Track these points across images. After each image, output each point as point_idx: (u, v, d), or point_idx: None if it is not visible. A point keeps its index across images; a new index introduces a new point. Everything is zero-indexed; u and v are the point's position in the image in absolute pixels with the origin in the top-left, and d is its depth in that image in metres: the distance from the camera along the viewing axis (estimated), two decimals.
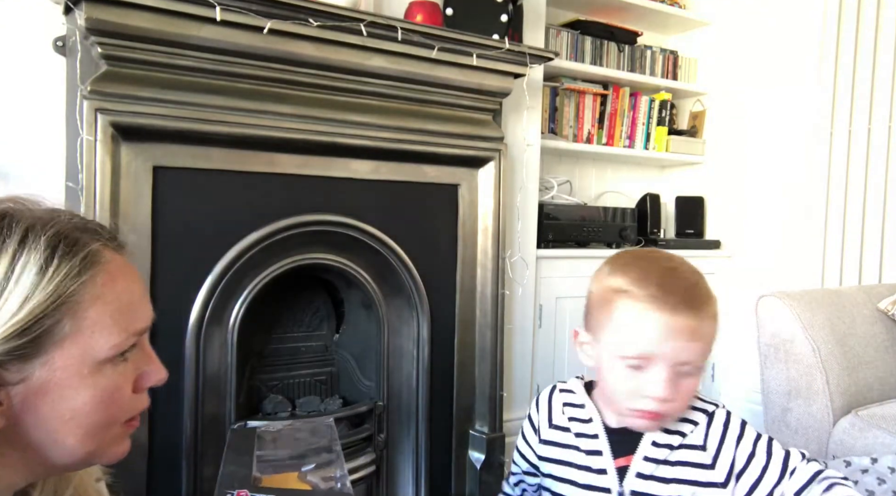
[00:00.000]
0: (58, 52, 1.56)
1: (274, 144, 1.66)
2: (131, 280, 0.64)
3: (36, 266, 0.56)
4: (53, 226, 0.59)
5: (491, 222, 2.03)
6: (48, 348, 0.56)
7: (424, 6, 1.92)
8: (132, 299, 0.63)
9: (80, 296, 0.58)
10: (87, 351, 0.58)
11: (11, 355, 0.55)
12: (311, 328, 2.03)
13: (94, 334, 0.58)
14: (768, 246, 2.77)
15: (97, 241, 0.61)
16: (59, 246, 0.57)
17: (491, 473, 2.04)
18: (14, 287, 0.55)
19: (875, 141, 2.48)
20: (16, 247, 0.56)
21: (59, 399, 0.57)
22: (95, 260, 0.60)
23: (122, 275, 0.62)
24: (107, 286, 0.60)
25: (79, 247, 0.59)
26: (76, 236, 0.60)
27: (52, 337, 0.56)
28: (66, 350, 0.57)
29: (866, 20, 2.48)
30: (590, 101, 2.75)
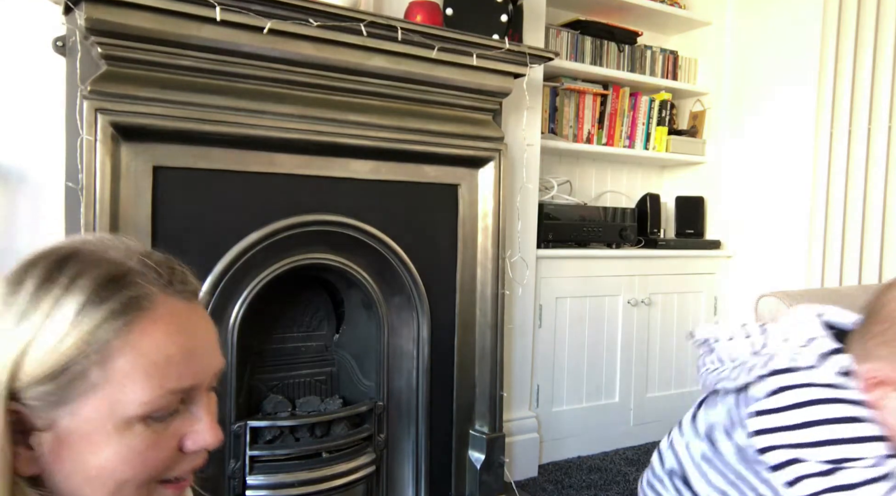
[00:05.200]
0: (58, 52, 1.56)
1: (274, 144, 1.66)
2: (182, 330, 0.57)
3: (75, 308, 0.52)
4: (109, 266, 0.55)
5: (491, 222, 2.03)
6: (75, 397, 0.52)
7: (424, 6, 1.92)
8: (175, 352, 0.55)
9: (112, 343, 0.53)
10: (115, 405, 0.53)
11: (41, 400, 0.52)
12: (311, 328, 2.03)
13: (124, 388, 0.53)
14: (768, 246, 2.77)
15: (154, 283, 0.56)
16: (104, 288, 0.54)
17: (491, 473, 2.04)
18: (51, 328, 0.52)
19: (875, 141, 2.49)
20: (62, 288, 0.53)
21: (84, 452, 0.53)
22: (138, 305, 0.54)
23: (169, 324, 0.56)
24: (145, 335, 0.54)
25: (124, 289, 0.54)
26: (127, 278, 0.55)
27: (80, 385, 0.52)
28: (93, 401, 0.53)
29: (866, 21, 2.48)
30: (590, 101, 2.75)
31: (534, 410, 2.43)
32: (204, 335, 0.60)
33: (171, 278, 0.58)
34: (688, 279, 2.83)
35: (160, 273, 0.58)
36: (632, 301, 2.66)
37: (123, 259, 0.57)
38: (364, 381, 2.00)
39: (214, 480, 1.64)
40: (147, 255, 0.59)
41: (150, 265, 0.58)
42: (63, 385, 0.52)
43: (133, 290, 0.55)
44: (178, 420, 0.57)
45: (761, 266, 2.79)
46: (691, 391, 2.88)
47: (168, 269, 0.59)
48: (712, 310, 2.91)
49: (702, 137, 3.02)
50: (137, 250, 0.59)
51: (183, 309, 0.58)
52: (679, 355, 2.84)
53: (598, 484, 2.30)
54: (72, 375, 0.52)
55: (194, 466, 0.60)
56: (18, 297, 0.54)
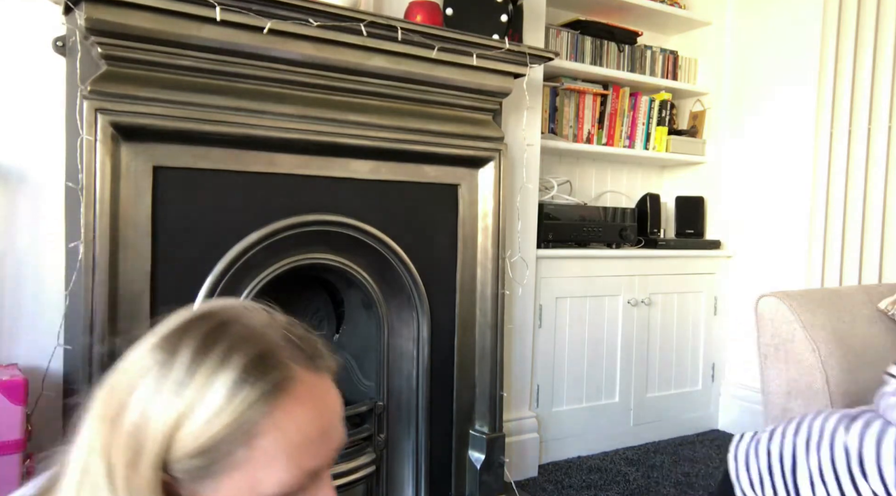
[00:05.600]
0: (58, 52, 1.56)
1: (274, 144, 1.66)
2: (319, 410, 0.59)
3: (226, 388, 0.54)
4: (256, 344, 0.57)
5: (491, 222, 2.03)
6: (220, 472, 0.54)
7: (424, 6, 1.92)
8: (314, 435, 0.57)
9: (259, 424, 0.54)
10: (255, 484, 0.54)
11: (188, 473, 0.54)
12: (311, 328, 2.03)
13: (265, 468, 0.55)
14: (768, 246, 2.77)
15: (297, 361, 0.58)
16: (254, 368, 0.55)
17: (491, 473, 2.04)
18: (203, 406, 0.53)
19: (875, 141, 2.48)
20: (215, 363, 0.55)
21: None
22: (284, 388, 0.56)
23: (309, 404, 0.58)
24: (288, 416, 0.56)
25: (271, 371, 0.56)
26: (274, 357, 0.57)
27: (226, 462, 0.54)
28: (234, 479, 0.54)
29: (866, 21, 2.48)
30: (590, 101, 2.75)
31: (534, 410, 2.43)
32: (336, 413, 0.61)
33: (312, 353, 0.61)
34: (688, 279, 2.83)
35: (302, 349, 0.60)
36: (632, 301, 2.66)
37: (270, 333, 0.59)
38: (364, 381, 2.00)
39: None
40: (289, 329, 0.61)
41: (294, 341, 0.60)
42: (211, 460, 0.54)
43: (282, 371, 0.56)
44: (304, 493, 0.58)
45: (761, 266, 2.79)
46: (691, 391, 2.89)
47: (309, 344, 0.61)
48: (712, 310, 2.91)
49: (702, 137, 3.02)
50: (281, 322, 0.61)
51: (320, 386, 0.60)
52: (679, 355, 2.84)
53: (598, 484, 2.30)
54: (220, 452, 0.54)
55: None
56: (174, 366, 0.55)
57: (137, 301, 1.49)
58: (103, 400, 0.57)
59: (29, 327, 1.58)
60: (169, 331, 0.58)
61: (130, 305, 1.48)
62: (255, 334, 0.58)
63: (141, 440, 0.53)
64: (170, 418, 0.53)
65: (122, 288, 1.47)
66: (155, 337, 0.58)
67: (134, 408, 0.54)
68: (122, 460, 0.53)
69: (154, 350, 0.57)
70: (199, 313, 0.59)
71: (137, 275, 1.50)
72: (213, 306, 0.61)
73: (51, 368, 1.54)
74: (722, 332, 2.93)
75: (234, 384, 0.54)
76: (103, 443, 0.54)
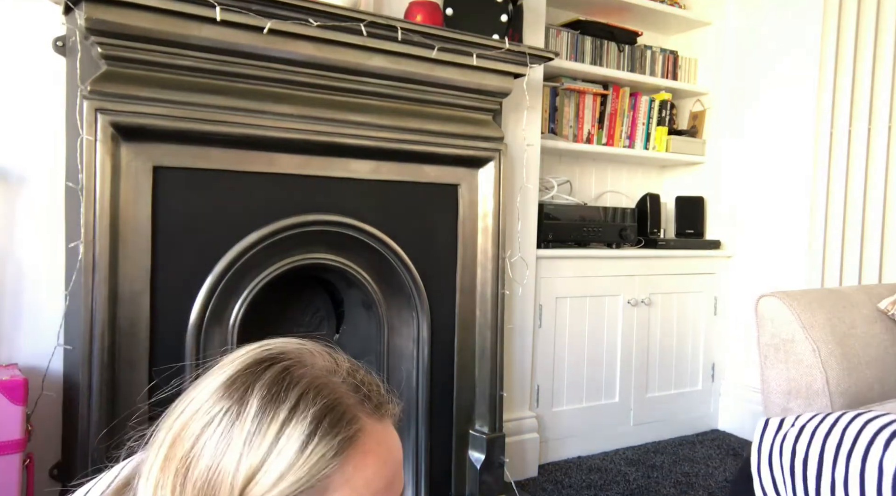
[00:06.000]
0: (58, 52, 1.56)
1: (274, 144, 1.66)
2: (385, 461, 0.58)
3: (299, 442, 0.53)
4: (326, 394, 0.56)
5: (491, 222, 2.03)
6: None
7: (424, 6, 1.92)
8: (379, 487, 0.57)
9: (330, 480, 0.54)
10: None
11: None
12: (311, 328, 2.03)
13: None
14: (768, 246, 2.77)
15: (364, 411, 0.58)
16: (325, 420, 0.55)
17: (491, 473, 2.04)
18: (276, 460, 0.53)
19: (875, 141, 2.49)
20: (286, 414, 0.54)
21: None
22: (353, 441, 0.56)
23: (377, 456, 0.57)
24: (358, 470, 0.55)
25: (342, 424, 0.55)
26: (343, 408, 0.56)
27: None
28: None
29: (866, 21, 2.48)
30: (590, 101, 2.75)
31: (534, 410, 2.43)
32: (399, 462, 0.61)
33: (378, 402, 0.60)
34: (688, 279, 2.83)
35: (370, 397, 0.59)
36: (632, 301, 2.66)
37: (338, 382, 0.58)
38: None
39: None
40: (353, 374, 0.61)
41: (361, 389, 0.59)
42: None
43: (353, 425, 0.56)
44: None
45: (761, 266, 2.79)
46: (691, 391, 2.89)
47: (374, 391, 0.61)
48: (712, 310, 2.91)
49: (702, 137, 3.02)
50: (344, 366, 0.61)
51: (386, 436, 0.60)
52: (679, 355, 2.84)
53: (598, 484, 2.30)
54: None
55: None
56: (243, 417, 0.54)
57: (137, 301, 1.49)
58: (170, 445, 0.56)
59: (29, 327, 1.58)
60: (233, 375, 0.57)
61: (130, 305, 1.48)
62: (324, 383, 0.57)
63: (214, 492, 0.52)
64: (242, 472, 0.53)
65: (122, 288, 1.47)
66: (218, 380, 0.57)
67: (204, 459, 0.53)
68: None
69: (220, 397, 0.56)
70: (262, 356, 0.59)
71: (137, 275, 1.50)
72: (276, 348, 0.60)
73: (51, 368, 1.54)
74: (722, 332, 2.93)
75: (307, 437, 0.54)
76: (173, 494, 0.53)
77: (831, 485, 1.03)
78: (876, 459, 1.00)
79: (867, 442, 1.03)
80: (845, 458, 1.04)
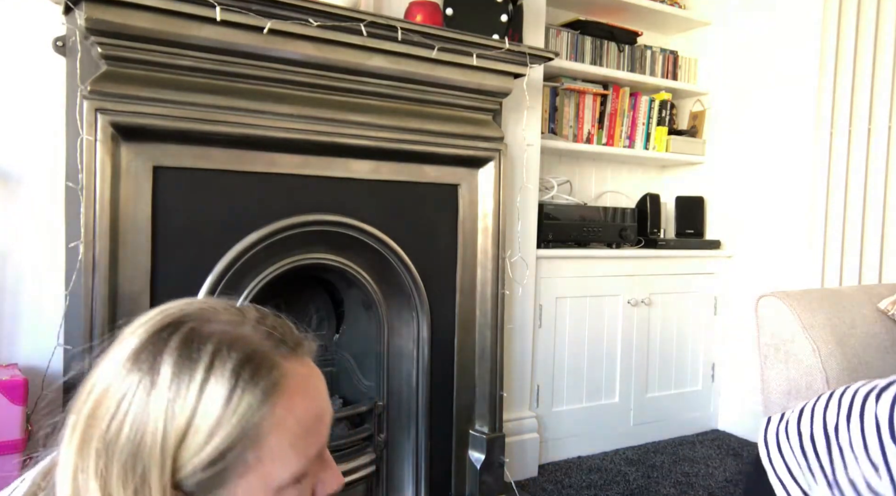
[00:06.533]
0: (58, 52, 1.56)
1: (274, 144, 1.66)
2: (312, 397, 0.60)
3: (222, 398, 0.54)
4: (239, 346, 0.56)
5: (491, 222, 2.03)
6: (231, 479, 0.55)
7: (424, 6, 1.92)
8: (310, 420, 0.59)
9: (261, 427, 0.55)
10: (268, 480, 0.56)
11: (197, 487, 0.54)
12: (311, 328, 2.03)
13: (275, 463, 0.56)
14: (768, 246, 2.77)
15: (281, 355, 0.59)
16: (244, 372, 0.55)
17: (491, 473, 2.04)
18: (202, 419, 0.53)
19: (875, 141, 2.48)
20: (203, 375, 0.54)
21: None
22: (277, 386, 0.57)
23: (303, 394, 0.59)
24: (287, 412, 0.57)
25: (262, 372, 0.56)
26: (260, 358, 0.57)
27: (236, 469, 0.55)
28: (247, 480, 0.55)
29: (866, 20, 2.48)
30: (590, 101, 2.75)
31: (534, 410, 2.43)
32: (324, 394, 0.63)
33: (293, 343, 0.61)
34: (688, 279, 2.83)
35: (284, 340, 0.60)
36: (632, 301, 2.66)
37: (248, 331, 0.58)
38: (364, 381, 2.00)
39: None
40: (262, 321, 0.61)
41: (272, 333, 0.60)
42: (221, 468, 0.54)
43: (273, 371, 0.57)
44: (311, 474, 0.61)
45: (761, 266, 2.79)
46: (691, 391, 2.89)
47: (286, 332, 0.61)
48: (712, 310, 2.91)
49: (702, 137, 3.02)
50: (252, 315, 0.61)
51: (307, 373, 0.61)
52: (679, 355, 2.84)
53: (598, 484, 2.30)
54: (229, 460, 0.54)
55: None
56: (159, 383, 0.54)
57: (137, 301, 1.49)
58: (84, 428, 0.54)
59: (29, 327, 1.58)
60: (138, 346, 0.56)
61: (130, 305, 1.48)
62: (235, 336, 0.57)
63: (143, 467, 0.52)
64: (171, 438, 0.53)
65: (122, 288, 1.47)
66: (123, 354, 0.56)
67: (125, 435, 0.53)
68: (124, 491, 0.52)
69: (129, 371, 0.55)
70: (164, 323, 0.57)
71: (137, 275, 1.50)
72: (176, 312, 0.59)
73: (51, 368, 1.54)
74: (722, 332, 2.93)
75: (230, 392, 0.54)
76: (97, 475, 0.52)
77: (840, 453, 1.05)
78: (871, 414, 1.03)
79: (861, 402, 1.07)
80: (846, 422, 1.06)
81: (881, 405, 1.03)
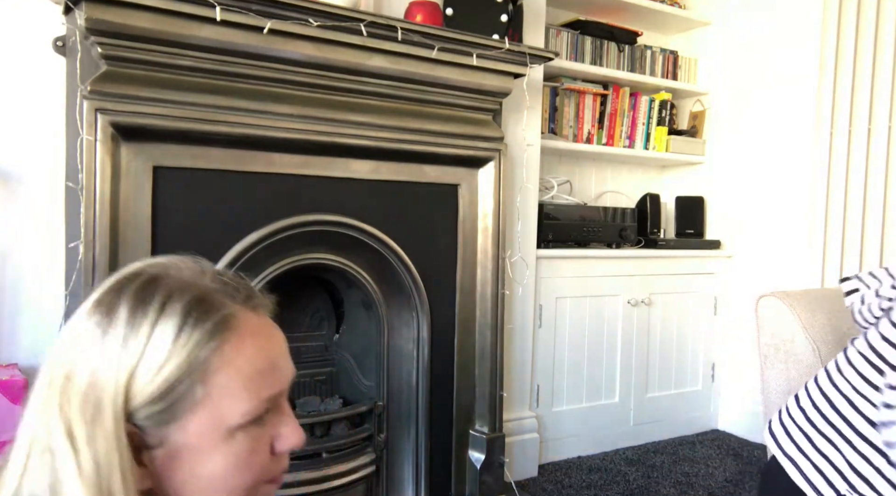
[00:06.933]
0: (58, 52, 1.56)
1: (274, 144, 1.66)
2: (265, 343, 0.63)
3: (172, 333, 0.57)
4: (192, 290, 0.59)
5: (491, 222, 2.03)
6: (182, 414, 0.57)
7: (424, 6, 1.92)
8: (264, 365, 0.61)
9: (210, 362, 0.58)
10: (219, 418, 0.58)
11: (150, 420, 0.57)
12: (311, 328, 2.03)
13: (225, 401, 0.58)
14: (768, 246, 2.77)
15: (234, 302, 0.61)
16: (194, 310, 0.58)
17: (491, 473, 2.04)
18: (152, 353, 0.56)
19: (875, 141, 2.48)
20: (155, 314, 0.57)
21: (195, 464, 0.58)
22: (227, 325, 0.59)
23: (255, 338, 0.61)
24: (237, 351, 0.59)
25: (211, 312, 0.59)
26: (211, 301, 0.60)
27: (185, 403, 0.57)
28: (198, 416, 0.57)
29: (866, 20, 2.48)
30: (590, 101, 2.75)
31: (534, 410, 2.43)
32: (281, 346, 0.66)
33: (247, 294, 0.63)
34: (688, 279, 2.83)
35: (238, 290, 0.63)
36: (632, 301, 2.66)
37: (203, 281, 0.62)
38: (364, 381, 2.00)
39: None
40: (221, 274, 0.64)
41: (228, 283, 0.63)
42: (171, 403, 0.57)
43: (222, 311, 0.60)
44: (268, 425, 0.63)
45: (761, 266, 2.79)
46: (691, 391, 2.89)
47: (243, 286, 0.64)
48: (712, 310, 2.91)
49: (702, 137, 3.02)
50: (211, 270, 0.64)
51: (263, 324, 0.64)
52: (679, 355, 2.84)
53: (598, 484, 2.30)
54: (178, 394, 0.57)
55: (283, 467, 0.65)
56: (115, 323, 0.57)
57: None
58: (48, 371, 0.58)
59: (29, 327, 1.58)
60: (101, 294, 0.60)
61: None
62: (190, 283, 0.60)
63: (98, 397, 0.55)
64: (122, 370, 0.56)
65: None
66: (86, 305, 0.60)
67: (82, 370, 0.56)
68: (82, 418, 0.54)
69: (90, 314, 0.58)
70: (127, 273, 0.61)
71: None
72: (140, 265, 0.63)
73: None
74: (722, 332, 2.93)
75: (178, 328, 0.57)
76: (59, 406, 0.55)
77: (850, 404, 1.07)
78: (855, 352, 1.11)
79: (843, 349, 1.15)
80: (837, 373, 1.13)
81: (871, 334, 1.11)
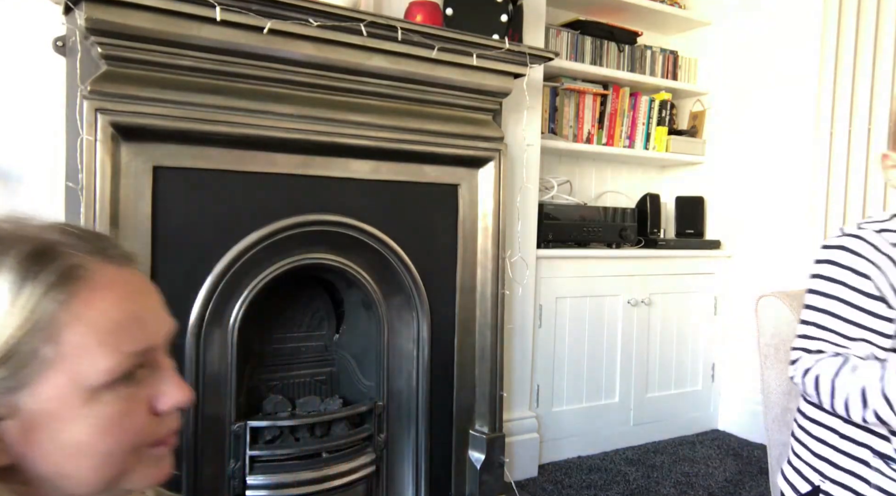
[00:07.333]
0: (58, 52, 1.56)
1: (274, 144, 1.66)
2: (123, 294, 0.56)
3: (7, 287, 0.50)
4: (31, 242, 0.53)
5: (491, 222, 2.03)
6: (32, 377, 0.51)
7: (424, 6, 1.92)
8: (124, 317, 0.55)
9: (57, 317, 0.51)
10: (77, 378, 0.52)
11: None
12: (311, 328, 2.03)
13: (80, 359, 0.52)
14: (768, 246, 2.77)
15: (84, 252, 0.55)
16: (33, 262, 0.52)
17: (491, 473, 2.04)
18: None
19: (875, 141, 2.48)
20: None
21: (56, 431, 0.52)
22: (75, 275, 0.53)
23: (110, 289, 0.55)
24: (88, 305, 0.53)
25: (55, 262, 0.53)
26: (54, 251, 0.53)
27: (33, 366, 0.51)
28: (51, 379, 0.51)
29: (866, 20, 2.48)
30: (590, 101, 2.75)
31: (534, 410, 2.43)
32: (147, 298, 0.59)
33: (101, 245, 0.57)
34: (688, 279, 2.83)
35: (88, 240, 0.56)
36: (632, 301, 2.66)
37: (44, 232, 0.55)
38: (364, 381, 2.00)
39: (214, 480, 1.64)
40: (68, 226, 0.57)
41: (75, 234, 0.56)
42: (16, 368, 0.51)
43: (65, 260, 0.53)
44: (144, 384, 0.56)
45: (761, 266, 2.79)
46: (691, 391, 2.89)
47: (95, 237, 0.58)
48: (712, 310, 2.91)
49: (702, 137, 3.02)
50: (56, 224, 0.57)
51: (120, 274, 0.57)
52: (679, 355, 2.84)
53: (598, 484, 2.30)
54: (23, 357, 0.51)
55: (171, 428, 0.59)
56: None
57: None
58: None
59: None
60: None
61: None
62: (25, 234, 0.54)
63: None
64: None
65: None
66: None
67: None
68: None
69: None
70: None
71: None
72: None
73: None
74: (722, 332, 2.93)
75: (14, 283, 0.51)
76: None
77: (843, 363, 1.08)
78: None
79: None
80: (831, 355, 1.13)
81: None
